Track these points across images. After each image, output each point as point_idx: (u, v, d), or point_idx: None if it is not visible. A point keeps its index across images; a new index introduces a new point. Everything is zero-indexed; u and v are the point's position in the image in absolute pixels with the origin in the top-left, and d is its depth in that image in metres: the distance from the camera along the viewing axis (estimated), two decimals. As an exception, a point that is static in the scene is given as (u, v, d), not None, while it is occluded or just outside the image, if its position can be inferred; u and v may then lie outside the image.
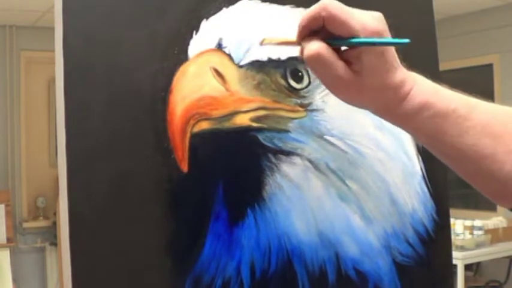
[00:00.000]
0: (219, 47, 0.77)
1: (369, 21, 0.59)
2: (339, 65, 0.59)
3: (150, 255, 0.73)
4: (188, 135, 0.74)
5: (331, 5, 0.58)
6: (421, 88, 0.62)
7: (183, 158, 0.75)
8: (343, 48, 0.60)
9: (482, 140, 0.62)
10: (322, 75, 0.60)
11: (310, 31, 0.60)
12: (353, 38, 0.58)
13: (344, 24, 0.58)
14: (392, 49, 0.61)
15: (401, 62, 0.62)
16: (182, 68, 0.76)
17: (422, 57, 0.93)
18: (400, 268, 0.87)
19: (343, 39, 0.59)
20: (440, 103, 0.62)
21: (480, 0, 4.48)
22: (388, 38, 0.60)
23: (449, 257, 0.96)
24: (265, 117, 0.79)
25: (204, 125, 0.75)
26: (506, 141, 0.62)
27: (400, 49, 0.63)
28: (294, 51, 0.79)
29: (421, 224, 0.90)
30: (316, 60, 0.59)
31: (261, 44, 0.69)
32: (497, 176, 0.62)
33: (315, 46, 0.59)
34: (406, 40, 0.60)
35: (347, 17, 0.58)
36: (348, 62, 0.59)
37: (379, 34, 0.59)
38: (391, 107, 0.62)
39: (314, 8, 0.60)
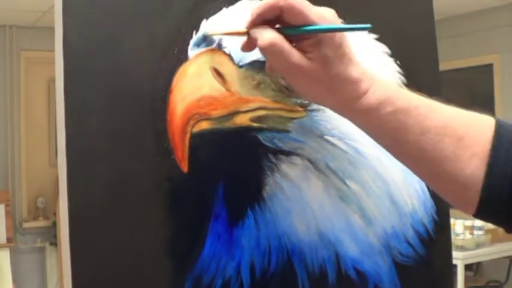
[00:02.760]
0: (219, 47, 0.77)
1: (326, 14, 0.60)
2: (294, 53, 0.59)
3: (150, 255, 0.73)
4: (188, 135, 0.75)
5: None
6: (381, 86, 0.62)
7: (183, 158, 0.75)
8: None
9: (444, 141, 0.61)
10: (278, 64, 0.61)
11: (263, 21, 0.61)
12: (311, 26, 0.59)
13: (302, 14, 0.59)
14: (349, 43, 0.61)
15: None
16: (182, 68, 0.76)
17: (422, 58, 0.93)
18: (400, 268, 0.87)
19: (301, 27, 0.59)
20: (402, 100, 0.61)
21: (480, 0, 4.49)
22: (348, 25, 0.61)
23: (449, 257, 0.96)
24: (265, 117, 0.79)
25: (204, 125, 0.75)
26: (467, 143, 0.61)
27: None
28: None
29: (421, 224, 0.90)
30: (271, 49, 0.59)
31: (206, 36, 0.69)
32: (458, 180, 0.61)
33: (270, 35, 0.59)
34: (368, 25, 0.60)
35: (305, 8, 0.59)
36: (303, 51, 0.60)
37: (335, 24, 0.60)
38: (350, 102, 0.61)
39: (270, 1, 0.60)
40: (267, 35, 0.59)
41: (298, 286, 0.80)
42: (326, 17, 0.59)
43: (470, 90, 4.85)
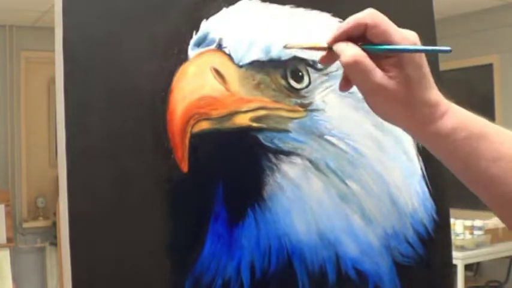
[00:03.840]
0: (219, 47, 0.77)
1: (409, 35, 0.60)
2: (378, 72, 0.59)
3: (150, 255, 0.73)
4: (188, 135, 0.74)
5: (377, 13, 0.59)
6: (456, 111, 0.62)
7: (183, 158, 0.75)
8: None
9: None
10: (360, 81, 0.60)
11: (346, 37, 0.60)
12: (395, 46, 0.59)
13: (386, 33, 0.59)
14: (428, 68, 0.61)
15: None
16: (182, 68, 0.76)
17: (422, 57, 0.93)
18: (400, 268, 0.87)
19: (385, 45, 0.59)
20: (475, 126, 0.62)
21: (480, 0, 4.48)
22: (429, 47, 0.61)
23: (449, 257, 0.96)
24: (265, 117, 0.79)
25: (204, 125, 0.75)
26: None
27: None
28: (294, 52, 0.80)
29: (421, 224, 0.90)
30: (355, 66, 0.58)
31: (285, 47, 0.69)
32: None
33: (353, 51, 0.59)
34: (448, 48, 0.60)
35: (390, 27, 0.59)
36: (385, 71, 0.59)
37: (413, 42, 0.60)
38: (426, 125, 0.61)
39: (360, 15, 0.60)
40: (351, 52, 0.59)
41: (298, 286, 0.80)
42: (409, 38, 0.60)
43: (470, 90, 4.86)
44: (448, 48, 0.61)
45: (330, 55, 0.63)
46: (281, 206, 0.79)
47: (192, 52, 0.77)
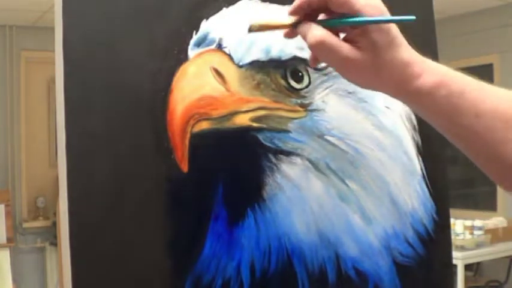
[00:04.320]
0: (219, 47, 0.77)
1: (371, 1, 0.60)
2: (344, 47, 0.59)
3: (150, 255, 0.73)
4: (188, 135, 0.74)
5: None
6: (434, 68, 0.62)
7: (183, 158, 0.75)
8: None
9: (496, 124, 0.62)
10: (329, 60, 0.61)
11: (306, 11, 0.61)
12: (358, 17, 0.59)
13: (347, 3, 0.59)
14: (396, 27, 0.61)
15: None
16: (182, 68, 0.76)
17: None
18: (400, 268, 0.87)
19: (346, 18, 0.59)
20: (455, 83, 0.62)
21: (480, 0, 4.48)
22: (394, 16, 0.61)
23: (449, 257, 0.96)
24: (265, 117, 0.79)
25: (204, 125, 0.75)
26: None
27: None
28: (294, 52, 0.80)
29: (421, 224, 0.90)
30: (322, 47, 0.59)
31: (249, 31, 0.69)
32: (505, 162, 0.63)
33: (318, 33, 0.59)
34: (412, 17, 0.60)
35: None
36: (351, 42, 0.60)
37: (381, 11, 0.60)
38: (405, 85, 0.61)
39: None
40: (315, 33, 0.60)
41: (298, 286, 0.80)
42: (372, 4, 0.60)
43: (470, 90, 4.85)
44: (412, 17, 0.60)
45: (295, 31, 0.63)
46: (281, 206, 0.79)
47: (192, 52, 0.77)
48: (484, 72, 4.80)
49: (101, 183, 0.71)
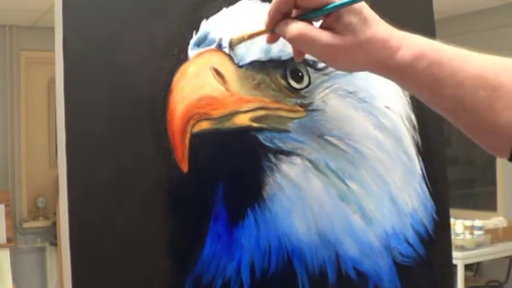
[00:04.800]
0: (219, 47, 0.77)
1: None
2: (324, 34, 0.61)
3: (150, 255, 0.73)
4: (188, 135, 0.74)
5: None
6: (412, 41, 0.63)
7: (183, 158, 0.75)
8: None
9: (479, 92, 0.62)
10: (312, 50, 0.63)
11: (281, 14, 0.63)
12: (327, 5, 0.61)
13: None
14: (367, 6, 0.63)
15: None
16: (182, 68, 0.76)
17: (422, 57, 0.93)
18: (400, 268, 0.87)
19: (320, 10, 0.62)
20: (434, 53, 0.63)
21: (480, 0, 4.48)
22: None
23: (449, 257, 0.96)
24: (265, 117, 0.79)
25: (204, 125, 0.75)
26: (501, 94, 0.62)
27: None
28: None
29: (421, 224, 0.90)
30: (302, 39, 0.61)
31: (231, 46, 0.72)
32: (493, 130, 0.63)
33: (296, 27, 0.62)
34: None
35: None
36: (328, 29, 0.62)
37: None
38: (384, 60, 0.63)
39: None
40: (293, 27, 0.62)
41: (298, 286, 0.80)
42: None
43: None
44: None
45: (275, 35, 0.66)
46: (281, 206, 0.79)
47: (192, 52, 0.77)
48: (484, 72, 4.79)
49: (101, 183, 0.71)
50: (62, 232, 0.70)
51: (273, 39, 0.68)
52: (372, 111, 0.85)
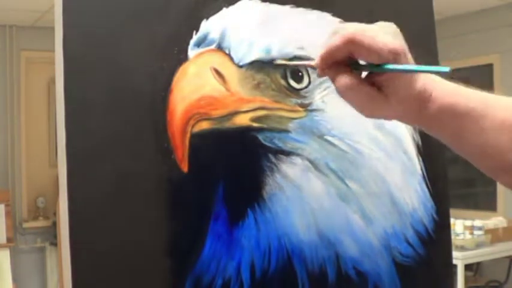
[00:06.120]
0: (219, 47, 0.77)
1: (392, 45, 0.59)
2: (370, 92, 0.60)
3: (150, 255, 0.73)
4: (188, 135, 0.74)
5: (357, 36, 0.58)
6: (440, 90, 0.64)
7: (183, 158, 0.75)
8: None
9: (502, 136, 0.63)
10: (356, 103, 0.62)
11: (333, 61, 0.60)
12: (385, 64, 0.58)
13: (373, 54, 0.58)
14: (411, 60, 0.61)
15: None
16: (182, 68, 0.76)
17: (422, 58, 0.93)
18: (400, 268, 0.87)
19: (376, 66, 0.59)
20: (460, 104, 0.63)
21: (480, 0, 4.48)
22: (427, 66, 0.61)
23: (449, 257, 0.96)
24: (265, 117, 0.79)
25: (204, 125, 0.75)
26: None
27: None
28: (295, 51, 0.80)
29: (421, 224, 0.90)
30: (349, 92, 0.60)
31: (275, 63, 0.71)
32: None
33: (345, 80, 0.60)
34: (447, 68, 0.59)
35: (376, 47, 0.58)
36: (376, 85, 0.60)
37: (397, 53, 0.59)
38: (415, 113, 0.63)
39: (338, 41, 0.59)
40: (342, 80, 0.60)
41: (298, 286, 0.80)
42: (395, 49, 0.59)
43: (470, 90, 4.85)
44: (446, 68, 0.59)
45: (324, 72, 0.64)
46: (281, 206, 0.79)
47: (192, 52, 0.77)
48: (484, 72, 4.80)
49: (101, 183, 0.71)
50: (62, 232, 0.70)
51: (322, 76, 0.65)
52: (372, 111, 0.85)
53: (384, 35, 0.59)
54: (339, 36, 0.59)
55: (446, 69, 0.59)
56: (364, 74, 0.61)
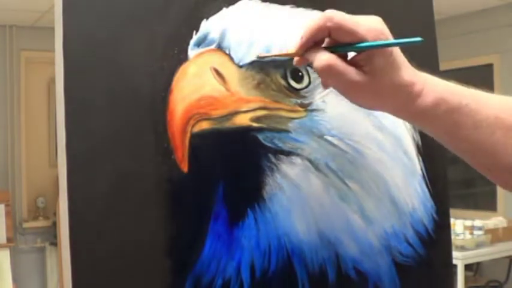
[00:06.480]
0: (219, 47, 0.77)
1: (373, 25, 0.61)
2: (351, 71, 0.61)
3: (150, 255, 0.73)
4: (188, 135, 0.75)
5: (337, 15, 0.60)
6: (432, 86, 0.64)
7: (183, 158, 0.75)
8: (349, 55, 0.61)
9: (496, 133, 0.64)
10: (337, 84, 0.62)
11: (314, 42, 0.62)
12: (362, 42, 0.60)
13: (351, 32, 0.60)
14: (398, 49, 0.62)
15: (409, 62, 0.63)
16: (182, 68, 0.76)
17: (422, 57, 0.93)
18: (400, 268, 0.87)
19: (352, 45, 0.60)
20: (453, 99, 0.64)
21: (480, 0, 4.49)
22: (400, 39, 0.61)
23: (449, 257, 0.96)
24: (265, 117, 0.79)
25: (204, 125, 0.75)
26: None
27: (400, 50, 0.63)
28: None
29: (421, 224, 0.90)
30: (329, 71, 0.60)
31: (258, 58, 0.71)
32: (508, 167, 0.65)
33: (325, 57, 0.61)
34: (419, 39, 0.61)
35: (353, 26, 0.60)
36: (356, 66, 0.61)
37: (383, 35, 0.60)
38: (406, 105, 0.63)
39: (318, 20, 0.61)
40: (322, 57, 0.61)
41: (298, 286, 0.80)
42: (374, 28, 0.60)
43: (470, 90, 4.85)
44: (418, 38, 0.61)
45: (304, 59, 0.65)
46: (281, 206, 0.80)
47: (192, 52, 0.77)
48: (484, 72, 4.80)
49: (101, 183, 0.71)
50: (62, 232, 0.70)
51: (300, 63, 0.67)
52: (372, 111, 0.85)
53: (364, 18, 0.61)
54: (319, 16, 0.61)
55: (418, 39, 0.60)
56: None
